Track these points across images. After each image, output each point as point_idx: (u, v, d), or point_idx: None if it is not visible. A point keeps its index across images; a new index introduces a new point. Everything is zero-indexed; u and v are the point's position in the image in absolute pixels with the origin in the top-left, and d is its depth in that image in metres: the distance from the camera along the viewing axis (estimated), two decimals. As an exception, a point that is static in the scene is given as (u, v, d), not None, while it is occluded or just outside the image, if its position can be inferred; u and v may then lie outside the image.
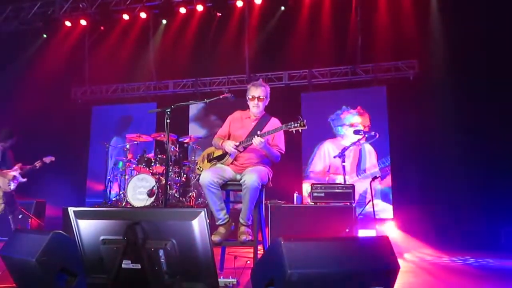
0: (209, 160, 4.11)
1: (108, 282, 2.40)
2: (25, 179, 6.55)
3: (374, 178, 5.96)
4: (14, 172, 6.47)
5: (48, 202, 7.84)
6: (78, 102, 10.55)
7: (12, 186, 6.43)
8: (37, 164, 6.53)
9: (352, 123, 8.55)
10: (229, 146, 3.88)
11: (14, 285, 3.03)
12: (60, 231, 2.87)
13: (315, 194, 5.56)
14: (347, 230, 5.15)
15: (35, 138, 9.01)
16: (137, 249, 2.34)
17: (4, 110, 8.80)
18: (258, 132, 3.81)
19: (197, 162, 4.30)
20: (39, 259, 2.67)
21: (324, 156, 8.40)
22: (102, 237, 2.44)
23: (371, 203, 5.55)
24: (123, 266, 2.37)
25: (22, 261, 2.81)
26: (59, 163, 8.11)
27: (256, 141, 3.69)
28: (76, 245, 2.53)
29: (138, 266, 2.36)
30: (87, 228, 2.48)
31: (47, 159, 6.57)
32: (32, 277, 2.75)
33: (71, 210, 2.49)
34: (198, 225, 2.30)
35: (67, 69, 9.91)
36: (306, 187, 8.22)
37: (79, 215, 2.48)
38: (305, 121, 3.65)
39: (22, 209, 7.15)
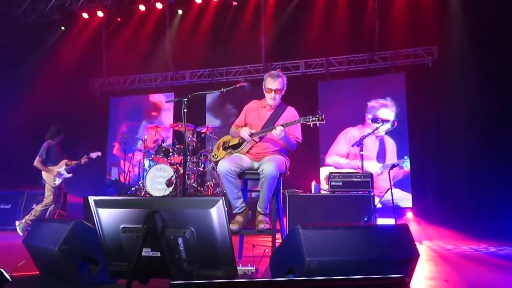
0: (224, 148, 4.12)
1: (128, 269, 2.43)
2: (70, 175, 6.70)
3: (393, 166, 5.90)
4: (59, 168, 6.61)
5: (69, 192, 7.98)
6: (96, 93, 10.66)
7: (57, 181, 6.58)
8: (83, 159, 6.66)
9: (376, 115, 8.38)
10: (245, 132, 3.88)
11: (38, 272, 3.10)
12: (81, 220, 2.92)
13: (333, 183, 5.54)
14: (365, 219, 5.13)
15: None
16: (157, 237, 2.35)
17: (24, 102, 8.95)
18: (281, 123, 3.80)
19: (212, 150, 4.31)
20: (61, 248, 2.73)
21: (349, 141, 8.27)
22: (122, 226, 2.46)
23: (390, 191, 5.50)
24: (143, 254, 2.39)
25: (45, 249, 2.88)
26: (80, 153, 8.23)
27: (277, 131, 3.68)
28: (96, 234, 2.57)
29: (158, 254, 2.38)
30: (107, 217, 2.50)
31: (93, 155, 6.69)
32: (55, 265, 2.81)
33: (91, 199, 2.52)
34: (217, 213, 2.30)
35: (85, 61, 9.99)
36: (323, 175, 8.17)
37: (100, 204, 2.51)
38: (323, 115, 3.64)
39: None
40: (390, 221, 5.81)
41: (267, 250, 3.79)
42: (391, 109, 8.37)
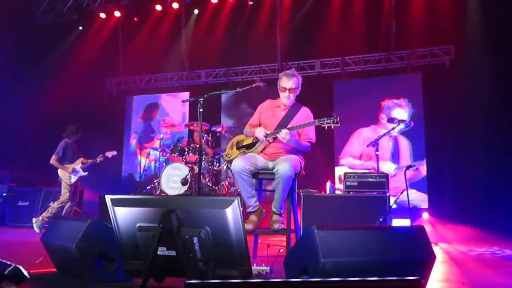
0: (238, 148, 4.12)
1: (144, 268, 2.46)
2: (86, 173, 6.78)
3: (409, 167, 5.84)
4: (75, 166, 6.70)
5: (85, 189, 8.08)
6: (113, 92, 10.77)
7: (73, 179, 6.67)
8: (98, 158, 6.73)
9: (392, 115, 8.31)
10: (260, 132, 3.87)
11: (55, 269, 3.15)
12: (98, 218, 2.96)
13: (348, 183, 5.50)
14: (380, 220, 5.09)
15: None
16: (172, 236, 2.37)
17: (42, 101, 9.09)
18: (289, 126, 3.80)
19: (226, 149, 4.31)
20: (78, 245, 2.76)
21: (362, 142, 8.22)
22: (138, 224, 2.49)
23: (405, 192, 5.45)
24: (158, 252, 2.41)
25: (62, 247, 2.91)
26: (96, 152, 8.30)
27: (282, 134, 3.69)
28: (112, 232, 2.59)
29: (173, 253, 2.40)
30: (124, 215, 2.53)
31: (109, 154, 6.75)
32: (72, 262, 2.84)
33: (108, 197, 2.54)
34: (232, 213, 2.31)
35: (102, 60, 10.12)
36: (338, 174, 8.14)
37: (116, 203, 2.54)
38: (338, 118, 3.63)
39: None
40: (406, 222, 5.75)
41: (281, 250, 3.79)
42: (406, 109, 8.29)
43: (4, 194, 7.84)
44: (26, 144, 8.70)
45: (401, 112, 8.27)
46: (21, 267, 2.21)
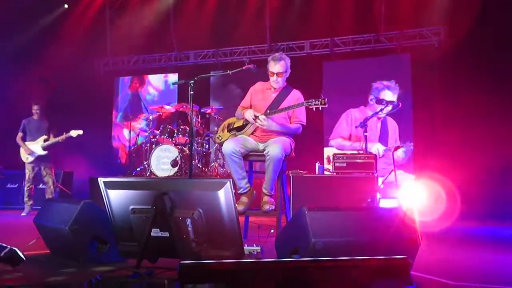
0: (229, 130, 4.16)
1: (138, 249, 2.50)
2: (45, 152, 6.68)
3: (397, 147, 5.92)
4: (36, 144, 6.60)
5: (75, 170, 8.06)
6: (101, 73, 10.64)
7: (30, 158, 6.60)
8: (60, 138, 6.59)
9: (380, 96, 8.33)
10: (249, 114, 3.91)
11: (48, 251, 3.18)
12: (90, 200, 2.98)
13: (337, 164, 5.55)
14: (369, 200, 5.17)
15: (60, 109, 9.18)
16: (165, 218, 2.41)
17: (28, 80, 8.94)
18: (268, 111, 3.86)
19: (217, 131, 4.34)
20: (71, 227, 2.79)
21: (350, 123, 8.23)
22: (131, 207, 2.52)
23: (393, 173, 5.53)
24: (152, 234, 2.45)
25: (55, 229, 2.94)
26: (84, 133, 8.23)
27: (259, 121, 3.76)
28: (105, 214, 2.62)
29: (167, 234, 2.44)
30: (117, 198, 2.56)
31: (74, 133, 6.57)
32: (66, 244, 2.88)
33: (101, 180, 2.56)
34: (224, 195, 2.35)
35: (89, 40, 9.94)
36: (327, 155, 8.19)
37: (109, 185, 2.56)
38: (326, 99, 3.69)
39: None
40: (394, 202, 5.85)
41: (272, 230, 3.86)
42: (395, 91, 8.31)
43: (-9, 177, 7.78)
44: (13, 125, 8.60)
45: (390, 94, 8.29)
46: (17, 249, 2.24)
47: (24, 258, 2.28)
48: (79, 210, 2.85)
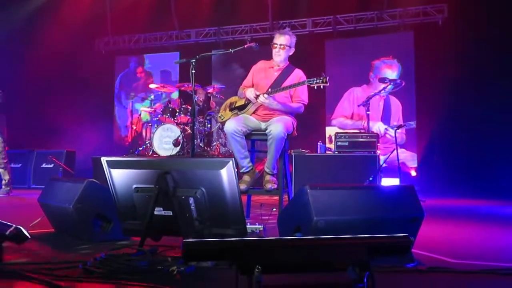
0: (231, 109, 4.15)
1: (141, 228, 2.52)
2: None
3: (399, 126, 5.92)
4: None
5: (77, 150, 8.09)
6: (102, 52, 10.58)
7: None
8: None
9: (382, 74, 8.26)
10: (250, 93, 3.90)
11: (53, 230, 3.21)
12: (93, 179, 3.00)
13: (339, 143, 5.58)
14: (370, 179, 5.20)
15: (61, 88, 9.17)
16: (168, 197, 2.42)
17: (29, 60, 8.89)
18: (269, 90, 3.84)
19: (219, 111, 4.34)
20: (75, 206, 2.82)
21: (353, 102, 8.22)
22: (134, 186, 2.53)
23: (395, 152, 5.54)
24: (155, 213, 2.47)
25: (59, 208, 2.97)
26: (86, 113, 8.26)
27: (261, 99, 3.75)
28: (109, 193, 2.64)
29: (170, 213, 2.46)
30: (120, 177, 2.57)
31: None
32: (70, 222, 2.91)
33: (104, 159, 2.57)
34: (227, 174, 2.36)
35: (89, 19, 9.83)
36: (328, 134, 8.20)
37: (112, 165, 2.57)
38: (327, 77, 3.67)
39: (53, 158, 7.42)
40: (395, 181, 5.89)
41: (274, 209, 3.88)
42: (395, 68, 8.27)
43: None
44: (16, 105, 8.59)
45: (390, 72, 8.26)
46: (22, 228, 2.26)
47: (29, 237, 2.30)
48: (83, 189, 2.88)
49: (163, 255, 2.43)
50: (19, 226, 2.26)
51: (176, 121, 7.19)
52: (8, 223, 2.29)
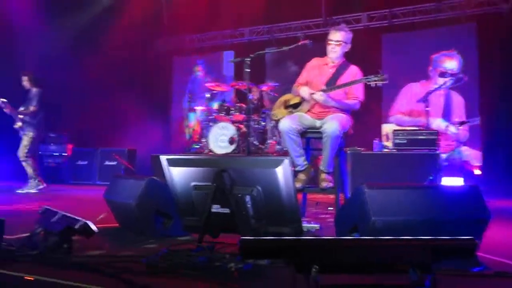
0: (285, 107, 4.15)
1: (200, 224, 2.59)
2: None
3: (462, 123, 5.67)
4: None
5: (138, 149, 8.42)
6: (158, 52, 10.90)
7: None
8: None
9: (442, 68, 7.92)
10: (304, 92, 3.88)
11: (117, 225, 3.37)
12: (154, 177, 3.11)
13: (396, 141, 5.43)
14: (430, 178, 5.02)
15: (122, 89, 9.53)
16: (225, 194, 2.47)
17: (92, 62, 9.30)
18: (324, 87, 3.78)
19: (273, 109, 4.35)
20: (137, 202, 2.94)
21: (410, 98, 7.96)
22: (193, 183, 2.60)
23: (457, 149, 5.32)
24: (213, 210, 2.52)
25: (123, 204, 3.11)
26: (145, 112, 8.55)
27: (316, 96, 3.70)
28: (168, 190, 2.73)
29: (227, 210, 2.51)
30: (179, 175, 2.65)
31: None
32: (133, 218, 3.03)
33: (163, 158, 2.66)
34: (283, 172, 2.37)
35: (148, 19, 10.14)
36: (385, 132, 8.00)
37: (172, 163, 2.65)
38: (385, 75, 3.56)
39: (116, 156, 7.77)
40: (458, 180, 5.65)
41: (330, 208, 3.85)
42: (455, 60, 7.88)
43: (64, 154, 8.28)
44: (80, 105, 9.04)
45: (451, 63, 7.88)
46: (89, 222, 2.39)
47: (96, 231, 2.43)
48: (144, 186, 2.99)
49: (221, 251, 2.48)
50: (87, 221, 2.40)
51: (231, 119, 7.29)
52: (77, 218, 2.43)
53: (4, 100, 6.31)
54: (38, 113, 6.53)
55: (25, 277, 1.95)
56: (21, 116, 6.44)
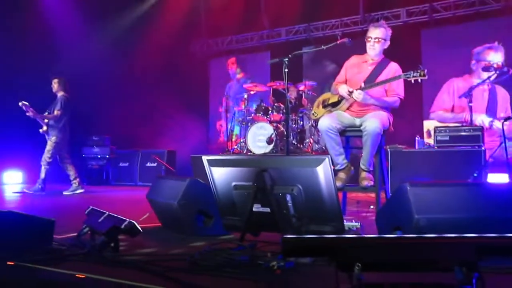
0: (324, 106, 4.13)
1: (241, 223, 2.63)
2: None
3: (508, 118, 5.47)
4: None
5: (178, 151, 8.58)
6: (196, 55, 11.07)
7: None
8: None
9: (485, 61, 7.64)
10: (343, 90, 3.85)
11: (160, 224, 3.46)
12: (195, 178, 3.18)
13: (439, 138, 5.30)
14: (475, 175, 4.88)
15: (161, 92, 9.73)
16: (266, 194, 2.50)
17: (131, 66, 9.54)
18: (362, 85, 3.74)
19: (312, 108, 4.34)
20: (180, 202, 3.01)
21: (453, 93, 7.73)
22: (233, 183, 2.64)
23: (503, 145, 5.14)
24: (254, 209, 2.55)
25: (165, 204, 3.19)
26: (183, 114, 8.69)
27: (354, 95, 3.66)
28: (209, 190, 2.78)
29: (268, 209, 2.53)
30: (220, 175, 2.70)
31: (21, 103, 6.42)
32: (175, 218, 3.11)
33: (205, 158, 2.72)
34: (323, 171, 2.37)
35: (185, 24, 10.33)
36: (426, 129, 7.81)
37: (213, 163, 2.70)
38: (425, 70, 3.49)
39: (157, 158, 7.96)
40: (503, 177, 5.45)
41: (372, 206, 3.81)
42: (499, 52, 7.57)
43: (107, 156, 8.55)
44: (122, 108, 9.26)
45: (495, 55, 7.59)
46: (135, 222, 2.47)
47: (141, 230, 2.51)
48: (186, 186, 3.06)
49: (262, 250, 2.51)
50: (132, 221, 2.48)
51: (269, 119, 7.32)
52: (123, 218, 2.51)
53: (26, 103, 6.36)
54: (62, 117, 6.56)
55: (77, 275, 2.04)
56: (46, 120, 6.54)
